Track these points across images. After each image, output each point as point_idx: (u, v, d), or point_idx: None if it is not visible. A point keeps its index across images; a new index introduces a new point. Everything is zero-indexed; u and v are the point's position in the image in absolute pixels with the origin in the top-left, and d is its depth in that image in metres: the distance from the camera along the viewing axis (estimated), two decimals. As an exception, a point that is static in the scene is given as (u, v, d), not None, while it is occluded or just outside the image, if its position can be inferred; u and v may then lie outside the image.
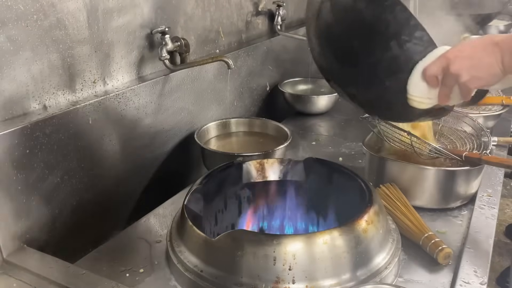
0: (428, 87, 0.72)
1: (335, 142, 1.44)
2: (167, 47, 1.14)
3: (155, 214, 1.04)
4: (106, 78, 1.06)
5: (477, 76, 0.70)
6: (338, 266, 0.74)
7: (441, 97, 0.73)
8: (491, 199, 1.03)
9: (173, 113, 1.24)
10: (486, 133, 1.13)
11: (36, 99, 0.91)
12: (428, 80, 0.71)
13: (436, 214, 1.02)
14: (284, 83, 1.71)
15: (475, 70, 0.69)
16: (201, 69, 1.30)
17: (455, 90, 0.72)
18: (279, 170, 1.00)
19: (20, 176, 0.84)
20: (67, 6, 0.94)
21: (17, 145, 0.83)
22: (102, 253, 0.90)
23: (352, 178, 0.92)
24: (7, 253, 0.83)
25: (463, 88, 0.71)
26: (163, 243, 0.92)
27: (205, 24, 1.37)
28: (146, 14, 1.13)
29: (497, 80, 0.70)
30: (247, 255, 0.74)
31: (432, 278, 0.83)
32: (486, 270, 0.80)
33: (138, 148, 1.13)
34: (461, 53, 0.70)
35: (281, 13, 1.68)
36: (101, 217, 1.05)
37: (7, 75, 0.85)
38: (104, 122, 1.02)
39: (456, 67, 0.69)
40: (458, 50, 0.71)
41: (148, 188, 1.18)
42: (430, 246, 0.87)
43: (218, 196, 0.97)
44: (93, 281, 0.76)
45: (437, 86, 0.72)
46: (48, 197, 0.91)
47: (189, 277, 0.78)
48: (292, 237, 0.77)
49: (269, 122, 1.35)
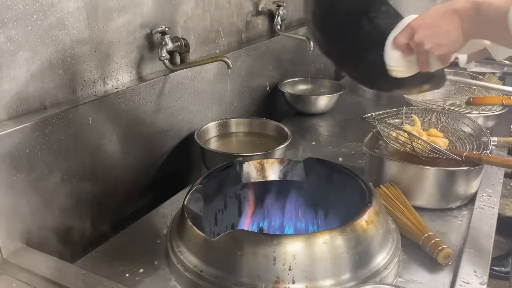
0: (403, 56, 0.77)
1: (335, 142, 1.44)
2: (167, 47, 1.14)
3: (155, 214, 1.04)
4: (106, 78, 1.06)
5: (439, 43, 0.73)
6: (338, 266, 0.74)
7: (419, 64, 0.78)
8: (491, 199, 1.03)
9: (173, 113, 1.24)
10: (486, 133, 1.13)
11: (36, 99, 0.91)
12: (399, 49, 0.76)
13: (436, 214, 1.02)
14: (284, 83, 1.71)
15: (436, 37, 0.73)
16: (201, 69, 1.30)
17: (431, 56, 0.76)
18: (279, 170, 1.00)
19: (20, 176, 0.84)
20: (67, 6, 0.94)
21: (17, 145, 0.83)
22: (102, 253, 0.90)
23: (352, 178, 0.92)
24: (7, 253, 0.83)
25: (431, 55, 0.75)
26: (163, 243, 0.92)
27: (205, 24, 1.37)
28: (146, 14, 1.13)
29: (460, 46, 0.74)
30: (247, 255, 0.74)
31: (432, 278, 0.83)
32: (486, 270, 0.80)
33: (138, 148, 1.13)
34: (423, 21, 0.74)
35: (281, 13, 1.68)
36: (101, 217, 1.05)
37: (7, 75, 0.85)
38: (104, 122, 1.02)
39: (419, 36, 0.74)
40: (421, 19, 0.75)
41: (148, 188, 1.18)
42: (430, 246, 0.87)
43: (218, 196, 0.97)
44: (93, 281, 0.76)
45: (411, 54, 0.77)
46: (48, 197, 0.91)
47: (189, 277, 0.78)
48: (292, 237, 0.77)
49: (269, 122, 1.35)
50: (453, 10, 0.72)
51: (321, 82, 1.80)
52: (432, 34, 0.73)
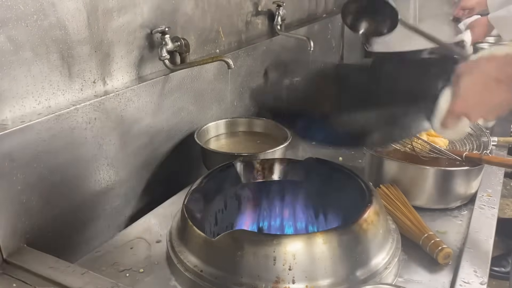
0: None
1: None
2: (167, 47, 1.14)
3: (155, 214, 1.04)
4: (106, 78, 1.06)
5: (493, 114, 0.67)
6: (338, 266, 0.74)
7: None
8: (491, 199, 1.03)
9: (173, 113, 1.24)
10: (486, 133, 1.13)
11: (36, 99, 0.91)
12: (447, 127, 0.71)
13: (436, 214, 1.02)
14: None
15: (489, 113, 0.67)
16: (201, 69, 1.30)
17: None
18: (279, 170, 1.00)
19: (20, 176, 0.84)
20: (67, 6, 0.94)
21: (17, 145, 0.83)
22: (102, 253, 0.90)
23: (352, 178, 0.92)
24: (7, 253, 0.83)
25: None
26: (163, 243, 0.92)
27: (205, 24, 1.36)
28: (146, 14, 1.13)
29: None
30: (247, 255, 0.74)
31: (432, 278, 0.83)
32: (486, 270, 0.80)
33: (138, 148, 1.13)
34: (467, 102, 0.67)
35: (281, 13, 1.68)
36: (101, 217, 1.05)
37: (7, 75, 0.85)
38: (104, 122, 1.02)
39: (471, 117, 0.67)
40: (462, 100, 0.67)
41: (148, 188, 1.18)
42: (430, 246, 0.87)
43: (218, 196, 0.97)
44: (93, 281, 0.76)
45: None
46: (48, 197, 0.91)
47: (189, 277, 0.78)
48: (292, 237, 0.77)
49: (269, 122, 1.35)
50: (496, 80, 0.64)
51: (321, 82, 1.80)
52: (483, 111, 0.67)
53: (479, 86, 0.65)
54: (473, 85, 0.66)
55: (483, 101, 0.65)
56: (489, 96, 0.65)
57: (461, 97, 0.67)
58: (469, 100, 0.66)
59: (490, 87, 0.64)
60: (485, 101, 0.65)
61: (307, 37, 1.61)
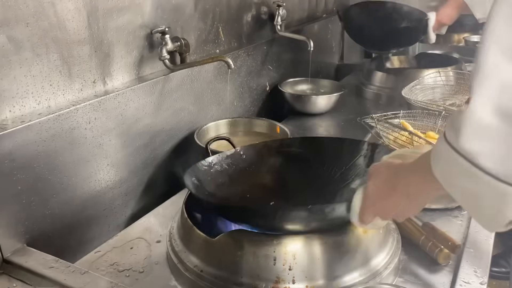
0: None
1: (335, 142, 1.44)
2: (167, 47, 1.14)
3: (155, 214, 1.04)
4: (106, 78, 1.06)
5: (405, 214, 0.66)
6: (338, 266, 0.74)
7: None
8: (491, 199, 1.03)
9: (173, 113, 1.24)
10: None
11: (36, 99, 0.91)
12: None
13: (436, 214, 1.02)
14: (284, 83, 1.71)
15: (398, 215, 0.66)
16: (201, 69, 1.30)
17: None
18: None
19: (20, 176, 0.84)
20: (67, 6, 0.94)
21: (17, 145, 0.83)
22: (102, 253, 0.90)
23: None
24: (7, 253, 0.83)
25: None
26: (163, 243, 0.92)
27: (205, 24, 1.37)
28: (146, 14, 1.13)
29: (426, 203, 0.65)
30: (247, 255, 0.74)
31: (432, 278, 0.83)
32: (486, 270, 0.80)
33: (138, 148, 1.13)
34: (373, 206, 0.66)
35: (281, 13, 1.68)
36: (101, 217, 1.05)
37: (7, 75, 0.85)
38: (104, 122, 1.02)
39: (384, 218, 0.67)
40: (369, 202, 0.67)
41: (148, 188, 1.18)
42: (430, 246, 0.87)
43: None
44: (93, 281, 0.76)
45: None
46: (48, 197, 0.91)
47: (189, 277, 0.78)
48: (292, 237, 0.76)
49: (269, 122, 1.35)
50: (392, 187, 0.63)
51: (321, 82, 1.80)
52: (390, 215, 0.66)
53: (381, 191, 0.65)
54: (376, 189, 0.66)
55: (387, 206, 0.65)
56: (390, 202, 0.64)
57: (368, 199, 0.67)
58: (375, 203, 0.66)
59: (388, 193, 0.64)
60: (388, 206, 0.65)
61: (307, 37, 1.61)
